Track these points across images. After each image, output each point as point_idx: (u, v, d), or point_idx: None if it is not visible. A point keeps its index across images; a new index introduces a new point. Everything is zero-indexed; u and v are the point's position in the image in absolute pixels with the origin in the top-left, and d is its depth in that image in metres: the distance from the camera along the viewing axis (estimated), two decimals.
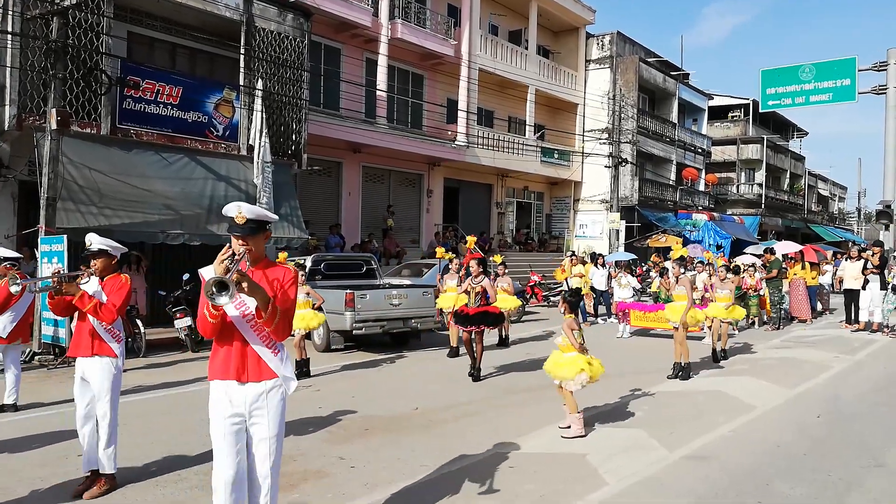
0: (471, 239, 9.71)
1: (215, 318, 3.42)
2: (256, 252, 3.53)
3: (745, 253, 22.77)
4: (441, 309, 12.25)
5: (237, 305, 3.48)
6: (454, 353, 11.04)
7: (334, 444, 6.07)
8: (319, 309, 9.83)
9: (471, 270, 9.23)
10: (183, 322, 11.44)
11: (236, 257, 3.43)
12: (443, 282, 11.89)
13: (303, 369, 9.19)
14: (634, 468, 5.41)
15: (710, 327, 12.52)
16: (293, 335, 9.23)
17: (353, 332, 11.07)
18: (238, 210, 3.48)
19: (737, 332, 14.40)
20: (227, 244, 3.52)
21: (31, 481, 5.06)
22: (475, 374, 9.07)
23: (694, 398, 8.01)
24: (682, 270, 9.81)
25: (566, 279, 15.86)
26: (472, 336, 9.19)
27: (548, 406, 7.51)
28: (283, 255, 9.63)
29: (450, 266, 11.99)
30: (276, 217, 3.75)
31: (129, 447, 5.89)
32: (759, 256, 18.39)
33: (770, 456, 5.74)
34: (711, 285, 11.65)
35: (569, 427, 6.40)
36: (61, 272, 5.12)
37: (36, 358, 10.27)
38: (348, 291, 11.06)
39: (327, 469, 5.39)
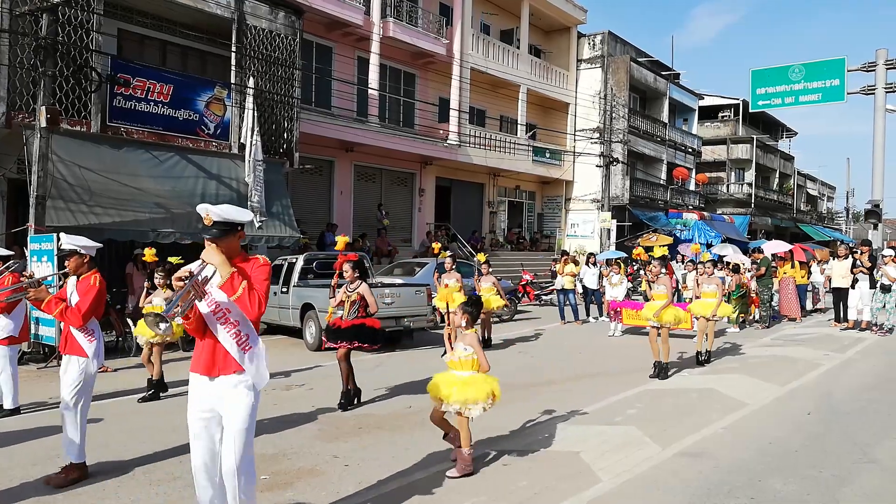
0: (341, 239, 8.24)
1: (190, 323, 3.58)
2: (228, 251, 3.53)
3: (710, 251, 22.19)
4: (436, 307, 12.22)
5: (208, 303, 3.56)
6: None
7: (327, 443, 6.05)
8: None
9: (344, 275, 7.60)
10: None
11: (191, 281, 3.43)
12: (440, 281, 11.84)
13: (153, 391, 7.77)
14: (628, 465, 5.43)
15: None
16: (140, 346, 8.33)
17: None
18: (206, 212, 3.53)
19: (737, 329, 14.51)
20: (192, 265, 3.58)
21: (22, 479, 5.02)
22: (343, 403, 7.34)
23: (686, 395, 8.04)
24: (663, 270, 9.52)
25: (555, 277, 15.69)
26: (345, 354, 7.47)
27: (542, 404, 7.53)
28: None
29: (446, 265, 11.90)
30: (249, 216, 3.74)
31: (122, 446, 5.87)
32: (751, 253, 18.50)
33: (762, 453, 5.77)
34: (696, 281, 11.53)
35: (453, 461, 5.28)
36: (31, 277, 5.17)
37: (26, 357, 10.18)
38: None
39: (321, 467, 5.37)
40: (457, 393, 5.04)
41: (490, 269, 12.73)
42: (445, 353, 5.42)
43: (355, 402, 7.51)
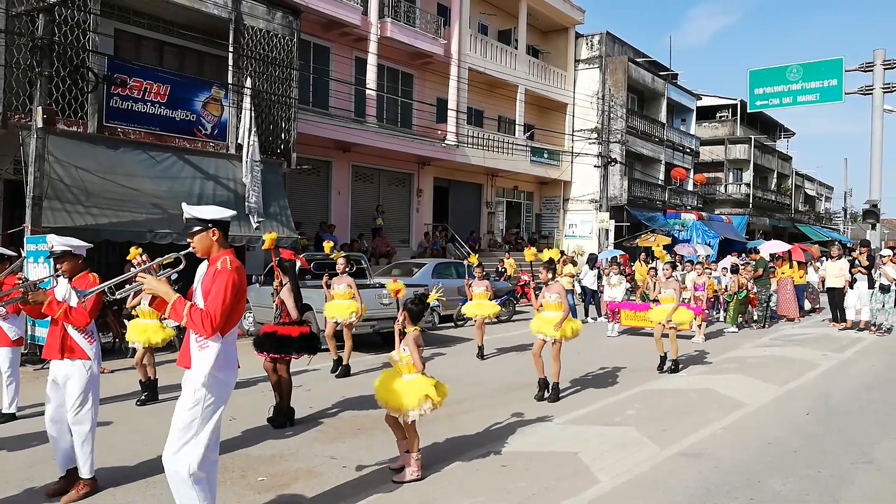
0: (268, 237, 7.37)
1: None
2: (199, 248, 3.88)
3: (689, 253, 21.56)
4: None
5: None
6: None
7: (325, 444, 6.03)
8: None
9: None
10: (171, 322, 11.31)
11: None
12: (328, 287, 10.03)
13: (148, 393, 7.62)
14: (626, 466, 5.41)
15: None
16: (134, 350, 7.88)
17: None
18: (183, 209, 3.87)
19: (736, 329, 14.52)
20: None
21: (20, 482, 4.99)
22: (272, 417, 6.67)
23: (685, 396, 8.03)
24: (552, 276, 8.20)
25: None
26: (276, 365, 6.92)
27: (540, 404, 7.51)
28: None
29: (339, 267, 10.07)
30: (222, 214, 3.94)
31: (119, 448, 5.84)
32: (748, 254, 18.51)
33: (761, 453, 5.76)
34: (654, 284, 11.12)
35: (402, 469, 5.11)
36: (26, 281, 5.05)
37: (22, 358, 10.12)
38: None
39: (318, 468, 5.35)
40: (391, 400, 5.02)
41: (483, 273, 11.84)
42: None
43: (286, 423, 6.60)
